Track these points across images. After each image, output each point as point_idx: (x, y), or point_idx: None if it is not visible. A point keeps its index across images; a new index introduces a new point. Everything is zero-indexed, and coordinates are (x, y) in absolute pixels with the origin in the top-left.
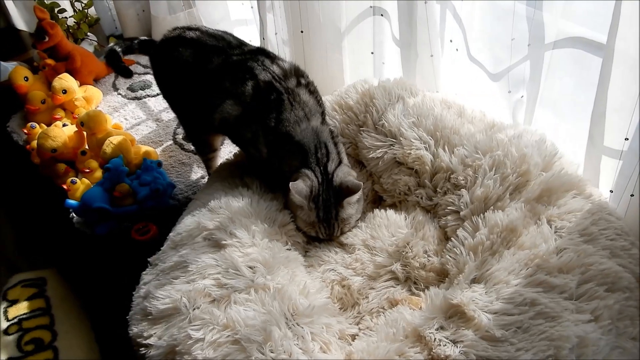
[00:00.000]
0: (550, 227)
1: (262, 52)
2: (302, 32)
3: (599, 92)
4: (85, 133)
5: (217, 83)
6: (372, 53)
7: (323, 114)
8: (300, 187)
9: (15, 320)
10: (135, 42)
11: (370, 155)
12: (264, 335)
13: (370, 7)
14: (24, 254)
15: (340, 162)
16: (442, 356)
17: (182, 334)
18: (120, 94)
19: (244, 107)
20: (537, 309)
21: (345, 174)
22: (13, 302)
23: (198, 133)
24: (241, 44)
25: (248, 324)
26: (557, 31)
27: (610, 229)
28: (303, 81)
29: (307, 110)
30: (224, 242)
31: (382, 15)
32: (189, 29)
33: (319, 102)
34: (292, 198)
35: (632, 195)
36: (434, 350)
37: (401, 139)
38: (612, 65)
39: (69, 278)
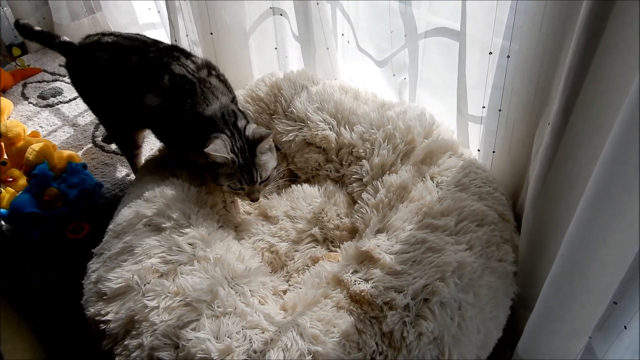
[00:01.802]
0: (433, 182)
1: (176, 49)
2: (211, 33)
3: (459, 72)
4: (3, 144)
5: (137, 79)
6: (276, 49)
7: (234, 98)
8: (216, 145)
9: None
10: (57, 41)
11: (284, 139)
12: (211, 295)
13: (270, 7)
14: None
15: (248, 122)
16: (358, 291)
17: (138, 305)
18: (31, 102)
19: (163, 97)
20: (427, 245)
21: (255, 127)
22: None
23: (122, 132)
24: (156, 42)
25: (196, 288)
26: (426, 23)
27: (478, 179)
28: (214, 72)
29: (217, 93)
30: (163, 225)
31: (281, 14)
32: (104, 34)
33: (229, 88)
34: (213, 157)
35: (493, 151)
36: (351, 289)
37: (308, 122)
38: (466, 48)
39: (4, 285)
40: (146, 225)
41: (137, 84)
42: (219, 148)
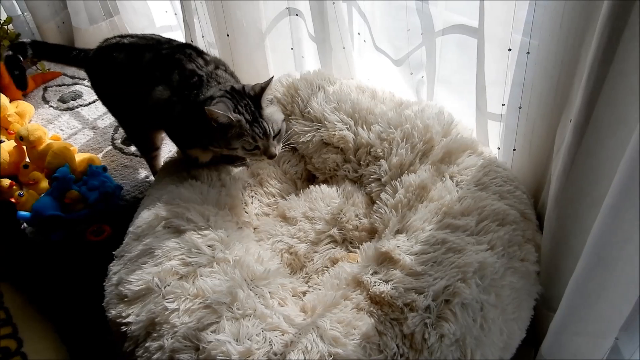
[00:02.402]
0: (452, 182)
1: (189, 47)
2: (227, 35)
3: (478, 69)
4: (25, 147)
5: (149, 74)
6: (292, 49)
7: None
8: (217, 105)
9: None
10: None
11: (301, 140)
12: (230, 297)
13: (286, 8)
14: None
15: (244, 86)
16: (378, 292)
17: (158, 307)
18: (51, 106)
19: (172, 90)
20: (447, 245)
21: (252, 85)
22: None
23: (139, 132)
24: (170, 41)
25: (215, 290)
26: (443, 21)
27: (499, 178)
28: (222, 67)
29: (222, 80)
30: (182, 227)
31: (297, 15)
32: (122, 36)
33: (237, 80)
34: (217, 117)
35: (514, 149)
36: (371, 290)
37: (326, 122)
38: (485, 45)
39: (27, 287)
40: (165, 227)
41: (149, 78)
42: (221, 107)
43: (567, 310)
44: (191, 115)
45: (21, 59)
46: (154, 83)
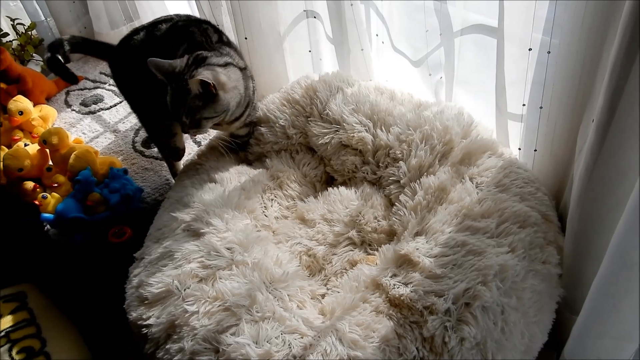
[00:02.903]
0: (472, 183)
1: (207, 23)
2: (246, 38)
3: (498, 69)
4: (48, 150)
5: (162, 49)
6: (310, 51)
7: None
8: (205, 72)
9: (2, 333)
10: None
11: (320, 142)
12: (249, 300)
13: (304, 10)
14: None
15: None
16: (397, 295)
17: (178, 310)
18: (74, 110)
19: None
20: (467, 248)
21: (202, 72)
22: None
23: (159, 130)
24: (189, 16)
25: (235, 293)
26: (461, 21)
27: (519, 179)
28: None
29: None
30: (202, 230)
31: (315, 17)
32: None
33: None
34: (220, 78)
35: (535, 150)
36: (390, 293)
37: (344, 124)
38: (505, 45)
39: (50, 287)
40: (185, 230)
41: (162, 52)
42: (209, 74)
43: (590, 313)
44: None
45: (60, 58)
46: (165, 57)
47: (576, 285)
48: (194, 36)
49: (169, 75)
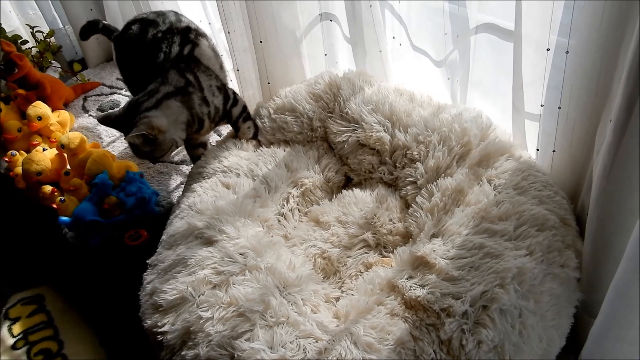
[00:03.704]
0: (490, 185)
1: (180, 32)
2: (261, 42)
3: (515, 70)
4: (66, 154)
5: (147, 56)
6: (326, 55)
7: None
8: (138, 127)
9: (21, 335)
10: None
11: (337, 140)
12: (263, 305)
13: (320, 14)
14: (20, 274)
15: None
16: (413, 297)
17: (193, 316)
18: (91, 115)
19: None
20: (484, 250)
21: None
22: (15, 320)
23: None
24: (176, 21)
25: (248, 298)
26: (476, 21)
27: (538, 182)
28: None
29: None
30: (214, 238)
31: (331, 20)
32: (145, 13)
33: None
34: (153, 124)
35: (553, 151)
36: (406, 295)
37: (363, 123)
38: (522, 45)
39: (67, 290)
40: (197, 237)
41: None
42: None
43: (608, 316)
44: None
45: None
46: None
47: (595, 289)
48: (157, 53)
49: (117, 127)
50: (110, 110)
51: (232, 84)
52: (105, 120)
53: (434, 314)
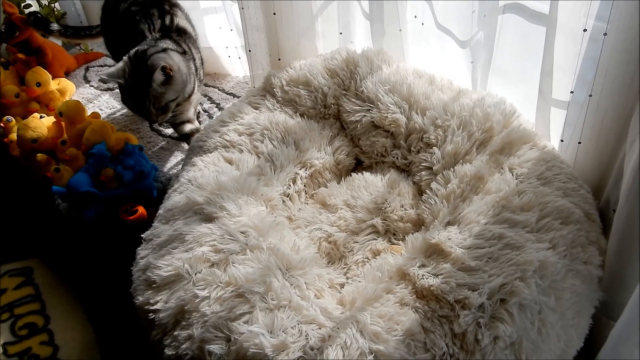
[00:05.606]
0: (512, 174)
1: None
2: (274, 14)
3: (546, 53)
4: (64, 123)
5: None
6: (341, 34)
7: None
8: (159, 61)
9: (6, 307)
10: None
11: (350, 119)
12: (264, 287)
13: None
14: (8, 245)
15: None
16: (426, 286)
17: (188, 294)
18: (92, 85)
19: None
20: (504, 241)
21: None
22: (2, 292)
23: None
24: None
25: (249, 278)
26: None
27: (562, 174)
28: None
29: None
30: (215, 215)
31: None
32: None
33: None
34: (169, 62)
35: (579, 142)
36: (417, 284)
37: (378, 104)
38: (556, 29)
39: (57, 264)
40: (196, 213)
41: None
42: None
43: (629, 320)
44: None
45: None
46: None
47: (617, 289)
48: (138, 24)
49: (121, 78)
50: (110, 68)
51: (243, 63)
52: (110, 77)
53: (447, 305)
